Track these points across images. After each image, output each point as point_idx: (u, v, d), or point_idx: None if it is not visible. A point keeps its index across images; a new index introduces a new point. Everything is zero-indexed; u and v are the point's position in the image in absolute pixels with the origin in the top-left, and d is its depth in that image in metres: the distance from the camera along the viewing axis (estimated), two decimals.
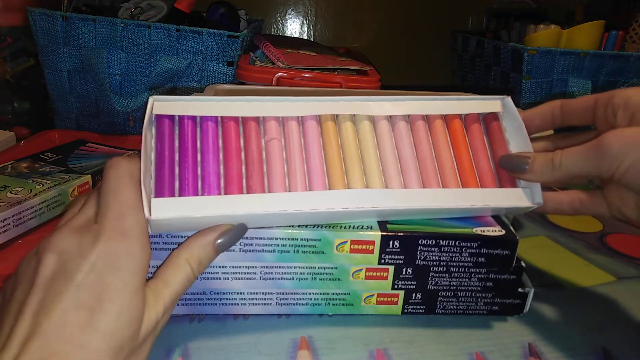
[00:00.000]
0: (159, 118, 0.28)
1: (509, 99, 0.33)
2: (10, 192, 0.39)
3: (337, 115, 0.31)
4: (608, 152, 0.26)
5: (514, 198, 0.31)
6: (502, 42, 0.77)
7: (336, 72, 0.63)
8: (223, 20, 0.69)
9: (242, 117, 0.29)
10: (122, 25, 0.59)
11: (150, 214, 0.25)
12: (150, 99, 0.27)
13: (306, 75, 0.60)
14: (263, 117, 0.30)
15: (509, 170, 0.31)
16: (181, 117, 0.28)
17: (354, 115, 0.31)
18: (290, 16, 1.00)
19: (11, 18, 0.63)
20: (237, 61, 0.63)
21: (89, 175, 0.45)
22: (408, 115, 0.32)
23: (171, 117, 0.28)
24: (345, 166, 0.30)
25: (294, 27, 1.01)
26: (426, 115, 0.32)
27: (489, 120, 0.33)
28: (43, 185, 0.41)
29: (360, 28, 1.01)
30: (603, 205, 0.31)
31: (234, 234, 0.27)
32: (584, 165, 0.27)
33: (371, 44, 1.00)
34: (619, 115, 0.28)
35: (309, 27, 1.01)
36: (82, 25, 0.59)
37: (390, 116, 0.32)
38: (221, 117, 0.29)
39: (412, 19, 1.02)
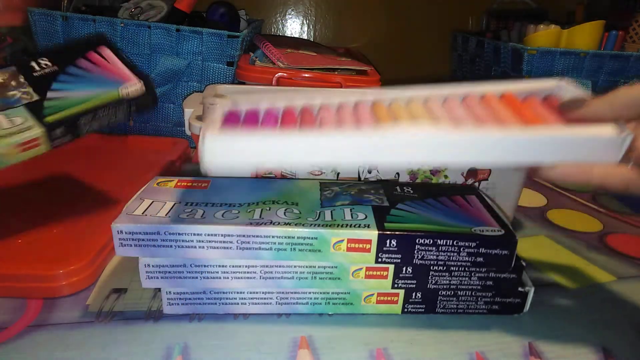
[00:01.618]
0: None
1: (565, 82, 0.31)
2: None
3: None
4: None
5: (595, 130, 0.27)
6: (502, 42, 0.77)
7: (336, 72, 0.63)
8: (223, 20, 0.69)
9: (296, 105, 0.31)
10: (122, 25, 0.59)
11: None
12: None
13: (306, 75, 0.60)
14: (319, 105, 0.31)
15: (566, 109, 0.28)
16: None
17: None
18: (290, 16, 1.00)
19: (11, 18, 0.63)
20: (237, 61, 0.63)
21: (42, 130, 0.32)
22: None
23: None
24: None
25: (294, 27, 1.01)
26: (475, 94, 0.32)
27: (546, 98, 0.31)
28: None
29: (360, 28, 1.01)
30: None
31: None
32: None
33: (371, 44, 1.00)
34: None
35: (309, 27, 1.01)
36: (82, 25, 0.59)
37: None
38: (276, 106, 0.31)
39: (412, 19, 1.02)
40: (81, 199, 0.44)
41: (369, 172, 0.40)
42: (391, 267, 0.31)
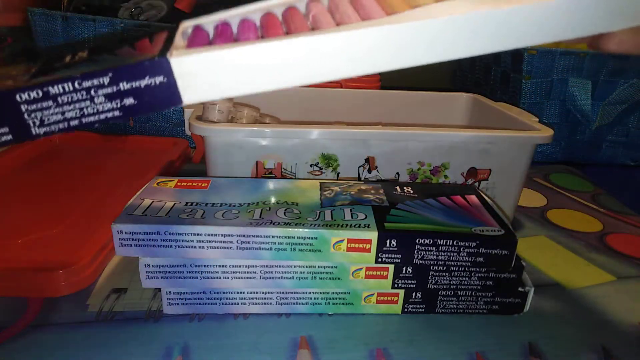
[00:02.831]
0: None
1: None
2: None
3: None
4: None
5: None
6: None
7: None
8: None
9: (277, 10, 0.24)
10: (122, 25, 0.59)
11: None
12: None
13: None
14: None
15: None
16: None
17: None
18: None
19: (11, 18, 0.63)
20: None
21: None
22: None
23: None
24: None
25: None
26: None
27: None
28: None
29: None
30: None
31: None
32: None
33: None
34: None
35: None
36: (82, 25, 0.59)
37: None
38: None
39: None
40: (81, 199, 0.44)
41: (369, 172, 0.40)
42: (391, 267, 0.31)
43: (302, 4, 0.24)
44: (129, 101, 0.20)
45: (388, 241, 0.30)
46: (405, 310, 0.33)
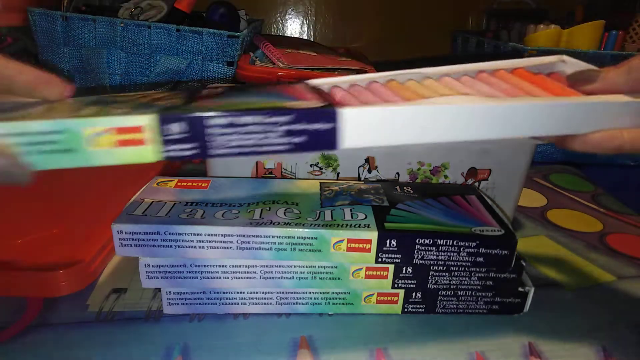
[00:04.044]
0: None
1: (566, 57, 0.31)
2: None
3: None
4: None
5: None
6: (502, 42, 0.77)
7: (336, 72, 0.63)
8: (223, 20, 0.69)
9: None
10: (122, 25, 0.59)
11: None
12: None
13: (306, 75, 0.60)
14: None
15: (579, 82, 0.28)
16: None
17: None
18: (290, 16, 1.00)
19: (11, 18, 0.63)
20: (237, 61, 0.63)
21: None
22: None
23: None
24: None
25: (294, 27, 1.01)
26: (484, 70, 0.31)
27: (550, 74, 0.31)
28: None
29: (360, 28, 1.01)
30: None
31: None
32: None
33: (371, 44, 1.00)
34: None
35: (309, 27, 1.01)
36: (82, 25, 0.59)
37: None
38: None
39: (412, 19, 1.02)
40: (81, 199, 0.44)
41: (369, 172, 0.40)
42: (391, 267, 0.31)
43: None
44: (300, 139, 0.23)
45: (388, 241, 0.30)
46: (405, 310, 0.33)
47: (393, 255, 0.30)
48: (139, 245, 0.29)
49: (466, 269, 0.31)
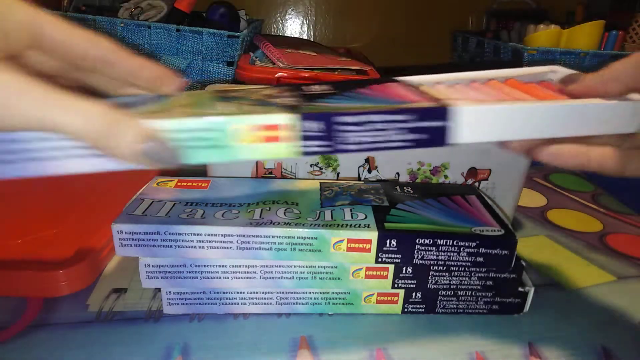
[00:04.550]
0: None
1: (558, 66, 0.32)
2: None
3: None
4: None
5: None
6: (502, 42, 0.77)
7: (336, 72, 0.63)
8: (223, 20, 0.69)
9: None
10: (122, 25, 0.59)
11: None
12: None
13: (306, 75, 0.60)
14: None
15: (564, 83, 0.28)
16: None
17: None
18: (290, 16, 1.00)
19: None
20: (237, 61, 0.63)
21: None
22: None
23: None
24: None
25: (294, 27, 1.01)
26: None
27: (540, 83, 0.32)
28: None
29: (361, 28, 1.01)
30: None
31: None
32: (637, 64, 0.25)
33: (371, 44, 1.00)
34: None
35: (309, 27, 1.01)
36: (82, 25, 0.59)
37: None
38: None
39: (412, 19, 1.02)
40: (81, 199, 0.44)
41: (369, 172, 0.40)
42: (391, 267, 0.31)
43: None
44: (418, 137, 0.24)
45: (388, 241, 0.30)
46: (405, 310, 0.33)
47: (393, 255, 0.30)
48: (139, 245, 0.29)
49: (466, 269, 0.31)
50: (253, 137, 0.23)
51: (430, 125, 0.24)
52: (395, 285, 0.32)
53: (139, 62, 0.26)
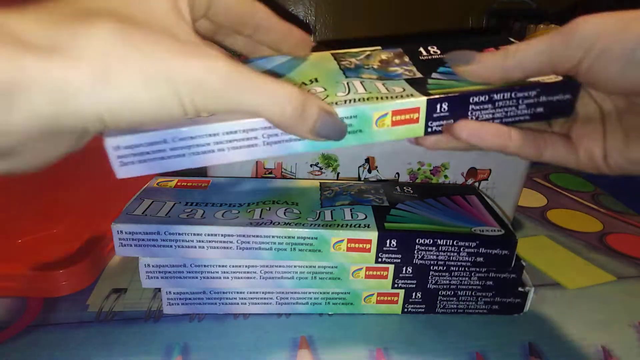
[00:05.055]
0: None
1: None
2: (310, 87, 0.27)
3: None
4: (577, 35, 0.23)
5: None
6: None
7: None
8: None
9: None
10: None
11: None
12: None
13: None
14: None
15: (453, 63, 0.27)
16: None
17: None
18: (290, 16, 1.00)
19: None
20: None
21: (424, 99, 0.25)
22: None
23: None
24: None
25: None
26: None
27: None
28: (350, 92, 0.26)
29: (361, 28, 1.01)
30: (570, 150, 0.26)
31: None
32: (544, 51, 0.24)
33: (371, 45, 1.00)
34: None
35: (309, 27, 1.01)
36: None
37: None
38: None
39: (411, 19, 1.02)
40: (81, 199, 0.44)
41: (369, 172, 0.40)
42: (391, 267, 0.31)
43: None
44: (539, 110, 0.26)
45: (388, 241, 0.30)
46: (405, 310, 0.33)
47: (393, 255, 0.30)
48: (139, 245, 0.29)
49: (466, 269, 0.31)
50: (394, 121, 0.25)
51: (554, 99, 0.26)
52: (395, 285, 0.32)
53: (287, 28, 0.27)
